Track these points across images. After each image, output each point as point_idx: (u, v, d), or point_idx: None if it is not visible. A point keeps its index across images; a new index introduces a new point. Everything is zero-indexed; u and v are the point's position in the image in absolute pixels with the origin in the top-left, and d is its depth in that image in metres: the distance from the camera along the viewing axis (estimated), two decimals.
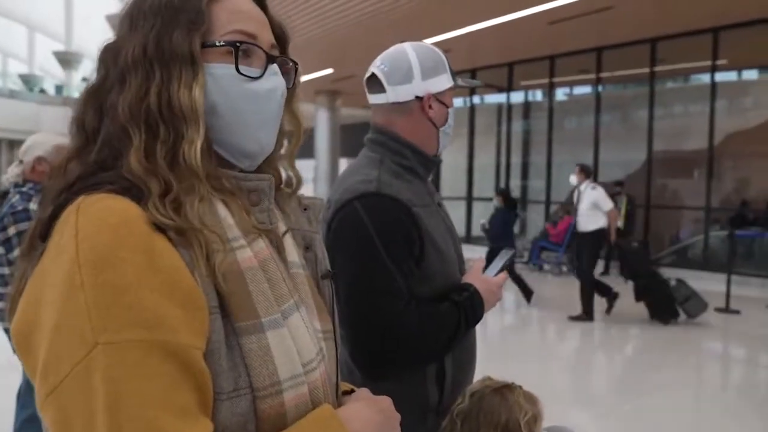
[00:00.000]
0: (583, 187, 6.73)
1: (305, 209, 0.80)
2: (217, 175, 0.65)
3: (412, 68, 1.24)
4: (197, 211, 0.60)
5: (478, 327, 1.28)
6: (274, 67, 0.69)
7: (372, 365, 1.13)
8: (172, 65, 0.62)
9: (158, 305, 0.52)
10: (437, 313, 1.17)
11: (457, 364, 1.25)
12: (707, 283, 7.71)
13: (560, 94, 11.76)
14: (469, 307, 1.20)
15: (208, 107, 0.64)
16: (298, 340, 0.64)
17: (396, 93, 1.25)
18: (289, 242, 0.74)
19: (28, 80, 26.70)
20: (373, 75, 1.27)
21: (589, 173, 6.89)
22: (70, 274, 0.52)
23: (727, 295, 6.72)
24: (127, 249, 0.53)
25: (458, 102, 13.15)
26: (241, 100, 0.66)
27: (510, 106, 12.05)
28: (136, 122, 0.61)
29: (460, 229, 12.35)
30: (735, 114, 9.50)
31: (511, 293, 7.04)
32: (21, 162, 2.46)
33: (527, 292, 6.84)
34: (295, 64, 0.76)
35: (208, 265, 0.58)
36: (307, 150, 18.10)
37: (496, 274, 1.30)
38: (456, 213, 12.48)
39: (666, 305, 6.13)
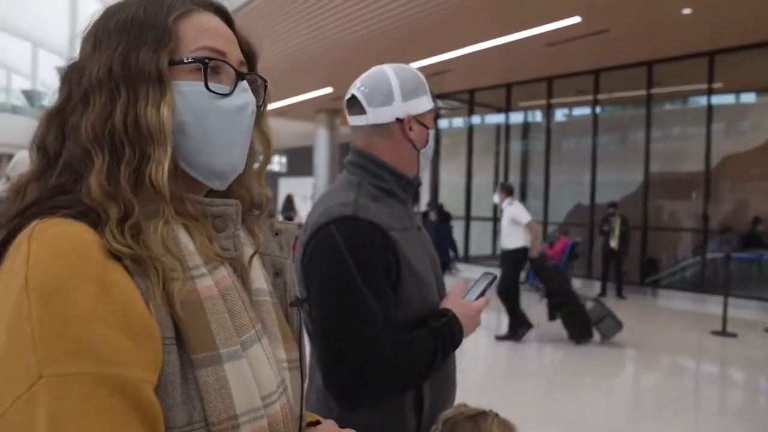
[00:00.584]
0: (504, 204, 6.81)
1: (277, 234, 0.79)
2: (181, 198, 0.63)
3: (392, 90, 1.24)
4: (159, 236, 0.58)
5: (459, 351, 1.26)
6: (244, 83, 0.68)
7: (345, 392, 1.10)
8: (138, 84, 0.60)
9: (108, 337, 0.50)
10: (414, 339, 1.14)
11: (436, 390, 1.22)
12: (704, 306, 7.72)
13: (558, 115, 11.86)
14: (447, 333, 1.18)
15: (176, 126, 0.63)
16: (258, 372, 0.62)
17: (376, 115, 1.24)
18: (256, 268, 0.72)
19: (30, 96, 26.84)
20: (353, 97, 1.26)
21: (510, 191, 6.98)
22: (18, 302, 0.50)
23: (724, 317, 6.71)
24: (79, 278, 0.51)
25: (457, 122, 13.25)
26: (210, 117, 0.64)
27: (508, 127, 12.14)
28: (99, 143, 0.59)
29: (458, 249, 12.36)
30: (732, 136, 9.58)
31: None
32: (8, 178, 2.48)
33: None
34: (264, 81, 0.74)
35: (164, 294, 0.56)
36: (306, 168, 18.20)
37: (476, 299, 1.27)
38: (454, 233, 12.49)
39: (580, 325, 6.14)
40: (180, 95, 0.63)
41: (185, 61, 0.63)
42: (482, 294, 1.29)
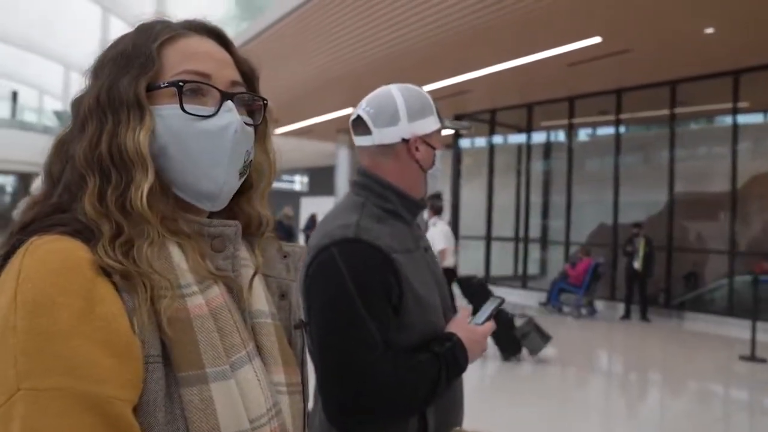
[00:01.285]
0: (430, 223, 6.79)
1: (285, 256, 0.78)
2: (174, 217, 0.64)
3: (398, 110, 1.23)
4: (147, 254, 0.59)
5: (471, 373, 1.23)
6: (228, 104, 0.67)
7: (344, 418, 1.09)
8: (120, 111, 0.63)
9: (89, 354, 0.51)
10: (415, 364, 1.12)
11: (441, 415, 1.19)
12: (732, 330, 7.52)
13: (581, 134, 11.80)
14: (451, 358, 1.15)
15: (158, 149, 0.64)
16: (247, 394, 0.61)
17: (382, 135, 1.24)
18: (259, 289, 0.72)
19: (61, 116, 27.63)
20: (359, 117, 1.26)
21: (438, 210, 6.88)
22: (5, 315, 0.51)
23: (753, 342, 6.53)
24: (66, 294, 0.52)
25: (479, 142, 13.26)
26: (190, 139, 0.65)
27: (530, 147, 12.11)
28: (90, 168, 0.62)
29: (479, 269, 12.27)
30: (759, 156, 9.41)
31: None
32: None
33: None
34: (264, 100, 0.74)
35: (152, 311, 0.57)
36: (328, 187, 18.31)
37: (483, 323, 1.25)
38: (475, 253, 12.42)
39: (508, 341, 6.08)
40: (160, 119, 0.65)
41: (161, 86, 0.65)
42: (489, 318, 1.26)
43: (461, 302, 5.90)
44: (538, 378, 6.03)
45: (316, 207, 17.25)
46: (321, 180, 20.78)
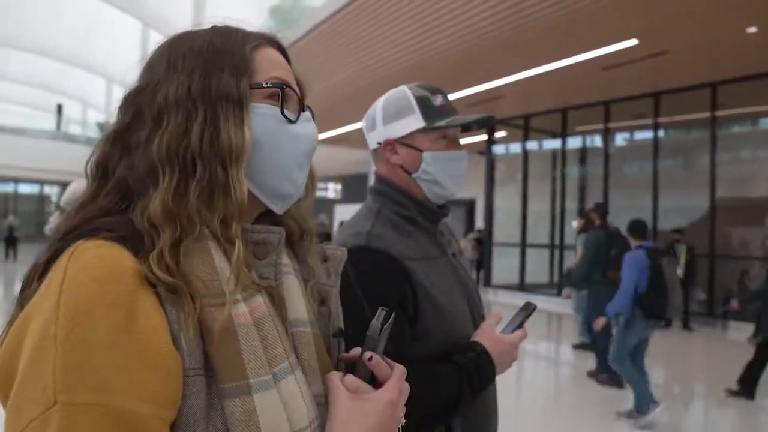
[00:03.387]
0: None
1: (325, 260, 0.78)
2: (227, 222, 0.63)
3: (376, 115, 1.24)
4: (194, 262, 0.58)
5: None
6: (307, 113, 0.72)
7: None
8: (218, 105, 0.63)
9: (126, 369, 0.51)
10: (434, 375, 1.07)
11: (470, 426, 1.14)
12: None
13: (618, 139, 11.57)
14: (474, 370, 1.09)
15: (252, 146, 0.65)
16: (289, 406, 0.60)
17: (369, 141, 1.26)
18: (298, 297, 0.70)
19: (104, 128, 28.55)
20: None
21: None
22: (46, 323, 0.51)
23: None
24: (107, 305, 0.51)
25: (514, 148, 13.14)
26: (283, 140, 0.67)
27: (564, 152, 11.93)
28: (170, 161, 0.60)
29: (513, 277, 12.11)
30: None
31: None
32: (63, 211, 2.48)
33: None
34: (313, 114, 0.77)
35: (196, 323, 0.56)
36: (361, 195, 18.38)
37: (513, 331, 1.18)
38: (510, 260, 12.28)
39: None
40: (257, 117, 0.66)
41: (264, 85, 0.67)
42: (520, 326, 1.19)
43: None
44: (577, 389, 5.90)
45: (350, 214, 17.25)
46: (354, 187, 20.89)
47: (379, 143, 1.23)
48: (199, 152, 0.61)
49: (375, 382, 0.68)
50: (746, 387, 5.16)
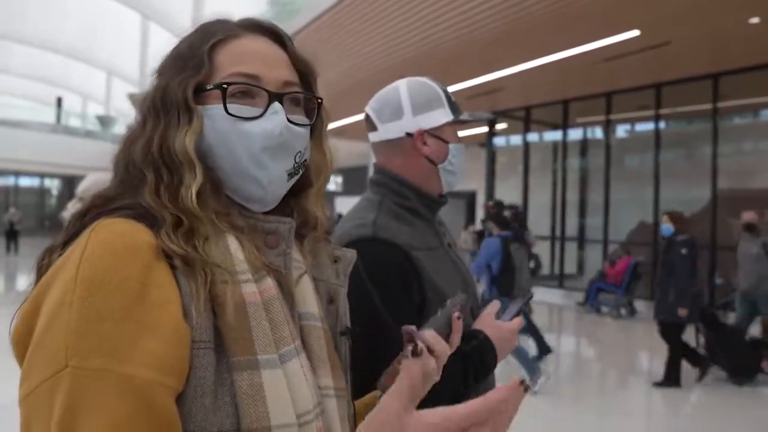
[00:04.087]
0: None
1: (335, 261, 0.79)
2: (227, 212, 0.65)
3: (401, 104, 1.21)
4: (205, 243, 0.61)
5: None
6: (275, 106, 0.67)
7: None
8: (171, 112, 0.65)
9: (136, 338, 0.53)
10: None
11: None
12: None
13: (619, 130, 11.54)
14: (477, 357, 1.11)
15: (206, 150, 0.66)
16: (294, 388, 0.61)
17: (387, 130, 1.23)
18: (309, 292, 0.71)
19: (104, 121, 28.53)
20: (367, 114, 1.26)
21: None
22: (64, 291, 0.54)
23: None
24: (123, 276, 0.54)
25: (514, 140, 13.10)
26: (235, 140, 0.66)
27: (566, 144, 11.90)
28: (146, 165, 0.65)
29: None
30: None
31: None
32: (81, 200, 2.55)
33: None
34: (318, 99, 0.74)
35: (208, 297, 0.58)
36: (361, 187, 18.33)
37: (511, 320, 1.21)
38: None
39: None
40: (208, 119, 0.66)
41: (207, 88, 0.66)
42: (517, 314, 1.23)
43: None
44: (576, 379, 5.92)
45: (351, 206, 17.27)
46: (355, 180, 20.88)
47: (408, 133, 1.22)
48: (160, 159, 0.64)
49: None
50: (671, 377, 5.37)
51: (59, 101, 28.24)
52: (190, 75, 0.66)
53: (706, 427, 4.60)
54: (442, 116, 1.23)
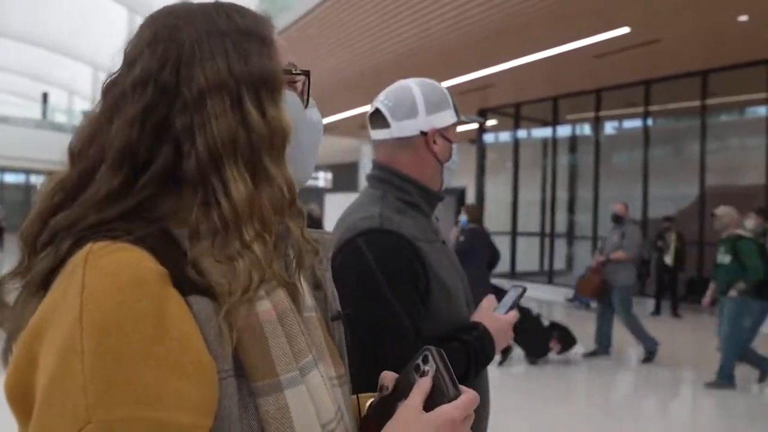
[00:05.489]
0: None
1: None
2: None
3: (416, 103, 1.24)
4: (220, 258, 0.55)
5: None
6: (312, 101, 0.69)
7: None
8: (261, 88, 0.59)
9: (162, 379, 0.48)
10: (446, 353, 1.12)
11: None
12: (765, 326, 7.30)
13: (608, 127, 11.59)
14: (479, 348, 1.16)
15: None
16: (317, 399, 0.59)
17: (401, 128, 1.24)
18: (303, 283, 0.68)
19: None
20: (377, 110, 1.27)
21: None
22: (70, 337, 0.47)
23: None
24: (135, 315, 0.48)
25: (504, 137, 13.12)
26: (304, 127, 0.66)
27: (555, 141, 11.93)
28: (225, 151, 0.56)
29: (504, 265, 12.13)
30: None
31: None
32: None
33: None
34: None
35: (225, 321, 0.53)
36: (351, 183, 18.35)
37: (507, 312, 1.26)
38: (501, 248, 12.26)
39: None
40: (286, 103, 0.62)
41: (293, 71, 0.64)
42: (512, 307, 1.27)
43: None
44: (567, 376, 5.95)
45: (340, 203, 17.23)
46: (344, 176, 20.85)
47: (423, 132, 1.24)
48: (249, 140, 0.57)
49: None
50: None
51: (45, 97, 27.91)
52: (272, 56, 0.62)
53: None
54: (449, 117, 1.28)
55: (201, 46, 0.58)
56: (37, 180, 29.93)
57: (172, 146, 0.57)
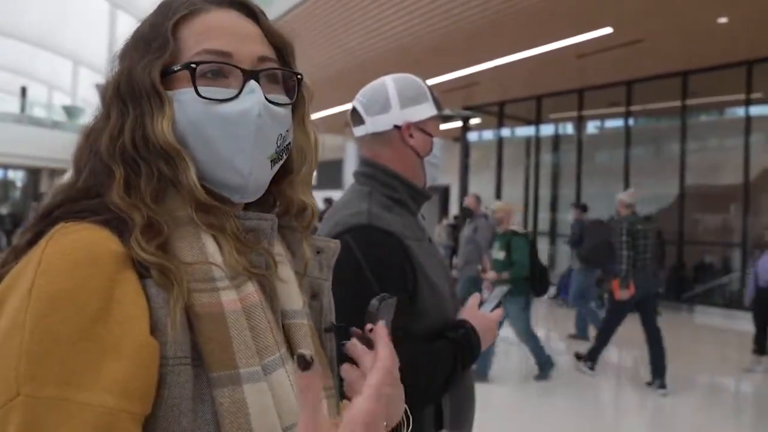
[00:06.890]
0: None
1: (318, 252, 0.73)
2: (206, 209, 0.59)
3: (389, 98, 1.25)
4: (180, 246, 0.56)
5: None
6: (251, 84, 0.60)
7: None
8: (140, 99, 0.59)
9: (96, 360, 0.47)
10: (432, 351, 1.12)
11: (456, 405, 1.20)
12: (743, 323, 7.45)
13: (590, 127, 11.69)
14: (466, 345, 1.16)
15: (179, 138, 0.59)
16: (279, 400, 0.56)
17: (374, 123, 1.25)
18: (294, 288, 0.66)
19: (70, 111, 27.79)
20: (354, 108, 1.28)
21: None
22: (17, 310, 0.48)
23: (765, 335, 6.45)
24: (82, 293, 0.48)
25: (487, 135, 13.17)
26: (208, 126, 0.60)
27: (538, 139, 12.02)
28: (114, 159, 0.58)
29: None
30: None
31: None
32: None
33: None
34: (298, 75, 0.67)
35: (183, 308, 0.53)
36: (335, 181, 18.28)
37: (492, 311, 1.27)
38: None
39: None
40: (179, 105, 0.60)
41: (174, 69, 0.60)
42: (497, 306, 1.29)
43: None
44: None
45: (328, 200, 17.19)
46: (329, 174, 20.77)
47: (396, 126, 1.24)
48: (134, 151, 0.58)
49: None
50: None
51: (23, 91, 27.37)
52: (155, 57, 0.59)
53: None
54: (427, 110, 1.27)
55: (120, 60, 0.62)
56: (15, 176, 29.43)
57: (93, 155, 0.61)
